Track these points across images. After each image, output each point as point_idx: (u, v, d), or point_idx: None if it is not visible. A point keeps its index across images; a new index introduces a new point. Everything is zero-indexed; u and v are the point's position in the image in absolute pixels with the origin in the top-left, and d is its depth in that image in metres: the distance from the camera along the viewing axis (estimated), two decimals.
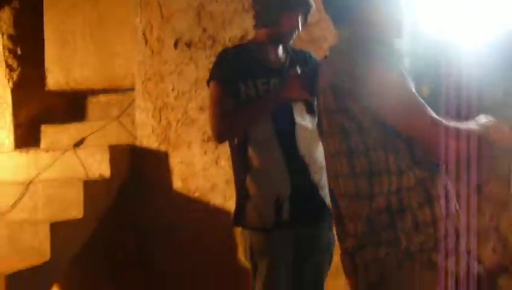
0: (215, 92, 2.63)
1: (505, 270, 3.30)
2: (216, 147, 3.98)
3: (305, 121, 2.66)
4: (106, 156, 4.24)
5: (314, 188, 2.63)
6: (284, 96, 2.58)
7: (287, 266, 2.60)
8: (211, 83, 2.66)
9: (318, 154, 2.60)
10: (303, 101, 2.65)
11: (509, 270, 3.27)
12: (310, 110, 2.67)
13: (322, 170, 2.61)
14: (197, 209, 4.08)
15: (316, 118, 2.65)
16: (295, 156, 2.60)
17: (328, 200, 2.57)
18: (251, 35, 3.50)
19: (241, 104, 2.59)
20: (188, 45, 4.22)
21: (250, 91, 2.60)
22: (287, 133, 2.61)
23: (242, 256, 2.71)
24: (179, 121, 4.24)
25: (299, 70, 2.60)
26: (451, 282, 1.90)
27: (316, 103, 2.63)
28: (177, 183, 4.20)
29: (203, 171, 4.10)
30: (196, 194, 4.13)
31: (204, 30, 4.15)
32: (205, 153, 4.06)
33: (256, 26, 2.68)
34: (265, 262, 2.58)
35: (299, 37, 3.74)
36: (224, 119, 2.59)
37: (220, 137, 2.66)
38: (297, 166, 2.60)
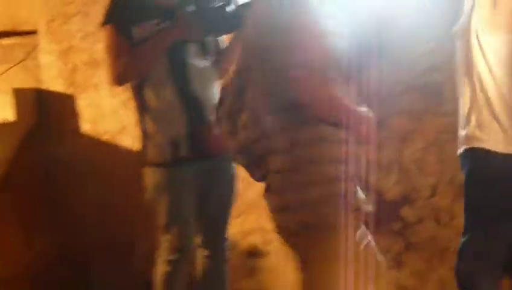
0: (110, 36, 2.65)
1: (407, 200, 3.44)
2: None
3: (197, 61, 2.69)
4: (10, 100, 4.11)
5: (209, 124, 2.66)
6: (174, 37, 2.60)
7: (188, 200, 2.68)
8: (105, 27, 2.65)
9: (212, 93, 2.67)
10: (198, 41, 2.66)
11: (410, 199, 3.41)
12: (205, 49, 2.69)
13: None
14: (107, 151, 4.04)
15: (213, 58, 2.71)
16: (189, 95, 2.66)
17: None
18: None
19: (135, 46, 2.60)
20: None
21: (143, 33, 2.60)
22: (180, 73, 2.64)
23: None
24: (85, 63, 4.15)
25: (188, 10, 2.58)
26: (354, 215, 1.97)
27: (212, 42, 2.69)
28: (86, 126, 4.14)
29: (112, 114, 4.05)
30: (105, 137, 4.08)
31: None
32: (113, 95, 4.00)
33: None
34: (166, 197, 2.66)
35: None
36: (120, 62, 2.61)
37: (117, 80, 2.69)
38: (192, 104, 2.66)
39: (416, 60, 3.49)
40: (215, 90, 2.69)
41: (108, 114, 4.05)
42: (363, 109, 1.99)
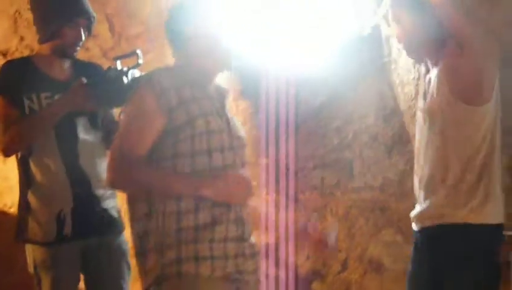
0: (0, 106, 2.57)
1: (318, 275, 3.46)
2: None
3: (88, 135, 2.64)
4: None
5: (96, 200, 2.61)
6: (64, 108, 2.54)
7: (73, 279, 2.61)
8: None
9: (101, 168, 2.60)
10: (88, 114, 2.63)
11: (321, 274, 3.43)
12: (94, 124, 2.66)
13: None
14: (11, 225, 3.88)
15: (101, 132, 2.68)
16: (76, 170, 2.59)
17: (115, 211, 2.66)
18: None
19: (25, 118, 2.54)
20: (4, 54, 4.03)
21: (33, 105, 2.56)
22: (68, 147, 2.58)
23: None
24: None
25: (84, 81, 2.57)
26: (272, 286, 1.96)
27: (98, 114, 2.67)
28: None
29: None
30: (12, 209, 3.94)
31: (22, 39, 3.99)
32: None
33: (39, 41, 2.62)
34: (50, 276, 2.55)
35: (121, 48, 3.73)
36: (8, 133, 2.53)
37: (4, 151, 2.61)
38: (79, 180, 2.58)
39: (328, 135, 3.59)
40: (103, 166, 2.58)
41: (16, 186, 3.90)
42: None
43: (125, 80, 2.48)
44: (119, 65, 2.53)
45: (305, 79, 3.66)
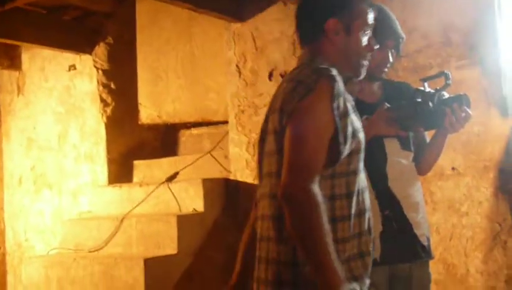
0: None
1: None
2: None
3: (397, 157, 2.52)
4: (200, 190, 4.16)
5: (407, 224, 2.49)
6: (371, 132, 2.40)
7: None
8: None
9: (413, 190, 2.52)
10: (397, 135, 2.49)
11: None
12: (405, 145, 2.52)
13: (419, 206, 2.53)
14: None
15: (412, 153, 2.53)
16: (385, 192, 2.47)
17: (425, 237, 2.50)
18: None
19: None
20: (283, 76, 4.12)
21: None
22: (377, 169, 2.46)
23: None
24: None
25: (386, 105, 2.44)
26: None
27: (409, 136, 2.51)
28: None
29: None
30: None
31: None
32: None
33: None
34: None
35: (403, 66, 3.61)
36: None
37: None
38: (388, 202, 2.47)
39: None
40: (416, 188, 2.51)
41: None
42: None
43: (430, 103, 2.35)
44: (426, 87, 2.40)
45: None
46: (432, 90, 2.39)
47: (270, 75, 4.17)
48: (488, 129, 3.40)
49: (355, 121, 1.96)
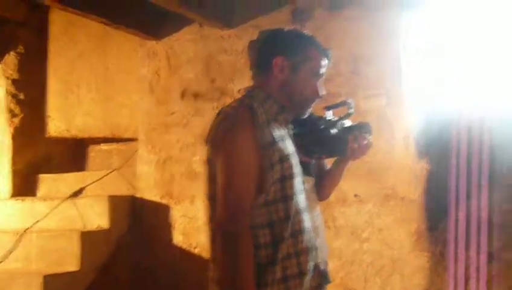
0: None
1: None
2: None
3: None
4: (105, 207, 4.10)
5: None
6: None
7: None
8: None
9: (314, 215, 2.41)
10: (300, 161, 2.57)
11: None
12: (306, 171, 2.56)
13: (318, 231, 2.46)
14: (198, 264, 3.92)
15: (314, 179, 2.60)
16: None
17: (324, 263, 2.49)
18: None
19: None
20: (195, 96, 4.13)
21: None
22: None
23: None
24: (182, 174, 4.12)
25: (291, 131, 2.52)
26: None
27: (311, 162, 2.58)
28: (178, 238, 4.05)
29: (206, 226, 3.94)
30: (196, 250, 3.98)
31: (213, 81, 4.07)
32: None
33: None
34: None
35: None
36: None
37: None
38: None
39: None
40: (316, 213, 2.56)
41: (202, 226, 3.95)
42: None
43: (333, 130, 2.40)
44: (329, 115, 2.46)
45: (501, 121, 3.39)
46: (335, 118, 2.45)
47: (183, 95, 4.17)
48: (391, 158, 3.52)
49: (284, 148, 2.04)
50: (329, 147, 2.41)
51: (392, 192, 3.53)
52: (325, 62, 2.20)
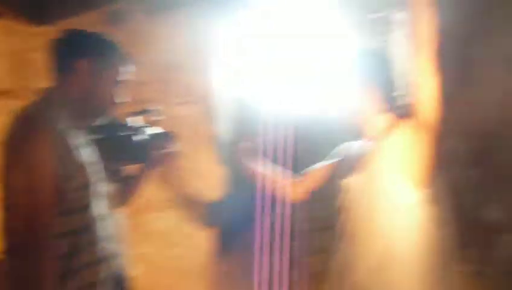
0: None
1: None
2: None
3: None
4: None
5: None
6: None
7: None
8: None
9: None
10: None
11: None
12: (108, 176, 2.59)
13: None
14: None
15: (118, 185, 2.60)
16: None
17: None
18: None
19: None
20: (1, 93, 3.90)
21: None
22: None
23: None
24: None
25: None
26: None
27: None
28: None
29: None
30: None
31: (21, 79, 3.88)
32: None
33: None
34: None
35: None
36: None
37: None
38: None
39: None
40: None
41: None
42: None
43: (135, 137, 2.41)
44: (134, 121, 2.46)
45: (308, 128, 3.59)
46: (136, 125, 2.45)
47: None
48: (198, 165, 3.58)
49: (81, 156, 1.99)
50: (131, 154, 2.41)
51: (200, 196, 3.59)
52: (126, 68, 2.19)
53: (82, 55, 2.10)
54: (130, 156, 2.48)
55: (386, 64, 2.62)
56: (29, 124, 1.92)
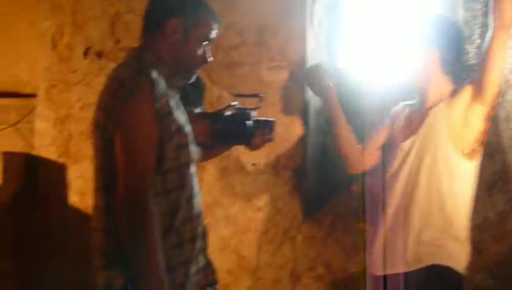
0: None
1: None
2: None
3: None
4: None
5: None
6: None
7: None
8: None
9: None
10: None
11: None
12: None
13: None
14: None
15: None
16: None
17: None
18: None
19: None
20: (99, 55, 4.04)
21: None
22: None
23: None
24: (81, 133, 4.03)
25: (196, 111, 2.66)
26: None
27: None
28: (74, 198, 3.99)
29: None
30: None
31: (118, 41, 3.99)
32: None
33: None
34: None
35: (217, 60, 3.68)
36: None
37: None
38: None
39: None
40: None
41: None
42: None
43: (247, 122, 2.50)
44: (238, 104, 2.55)
45: None
46: (247, 109, 2.53)
47: (86, 53, 4.07)
48: (288, 131, 3.59)
49: (179, 117, 2.03)
50: (241, 137, 2.51)
51: (288, 163, 3.60)
52: (215, 29, 2.20)
53: (172, 14, 2.11)
54: (240, 139, 2.58)
55: (457, 32, 2.75)
56: (130, 85, 1.95)
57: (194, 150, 2.17)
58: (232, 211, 3.67)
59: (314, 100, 3.58)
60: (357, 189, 3.47)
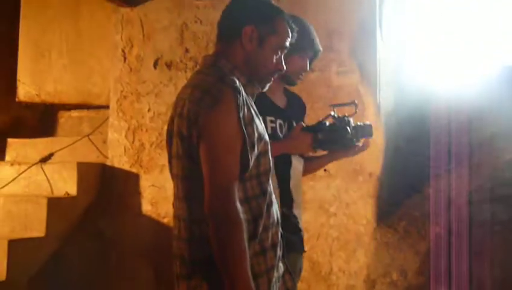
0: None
1: None
2: None
3: (297, 162, 2.68)
4: (74, 174, 4.07)
5: (297, 221, 2.68)
6: (292, 150, 2.59)
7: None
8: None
9: (301, 191, 2.74)
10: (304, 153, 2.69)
11: None
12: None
13: (300, 205, 2.73)
14: (166, 235, 3.92)
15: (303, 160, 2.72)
16: (286, 192, 2.60)
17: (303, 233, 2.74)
18: None
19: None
20: (168, 65, 4.10)
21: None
22: (283, 171, 2.55)
23: None
24: (152, 143, 4.10)
25: (302, 125, 2.59)
26: None
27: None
28: (147, 207, 4.05)
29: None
30: (165, 220, 3.97)
31: (187, 51, 4.04)
32: None
33: None
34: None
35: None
36: None
37: None
38: (286, 201, 2.59)
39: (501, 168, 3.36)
40: (301, 189, 2.73)
41: (171, 196, 3.94)
42: None
43: (349, 129, 2.51)
44: (335, 112, 2.57)
45: (477, 108, 3.46)
46: (346, 118, 2.54)
47: (156, 64, 4.14)
48: None
49: (259, 125, 2.03)
50: (342, 146, 2.53)
51: (360, 168, 3.56)
52: (290, 37, 2.19)
53: (248, 22, 2.11)
54: (341, 147, 2.60)
55: None
56: (214, 93, 1.94)
57: (271, 159, 2.16)
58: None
59: (384, 102, 3.53)
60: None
